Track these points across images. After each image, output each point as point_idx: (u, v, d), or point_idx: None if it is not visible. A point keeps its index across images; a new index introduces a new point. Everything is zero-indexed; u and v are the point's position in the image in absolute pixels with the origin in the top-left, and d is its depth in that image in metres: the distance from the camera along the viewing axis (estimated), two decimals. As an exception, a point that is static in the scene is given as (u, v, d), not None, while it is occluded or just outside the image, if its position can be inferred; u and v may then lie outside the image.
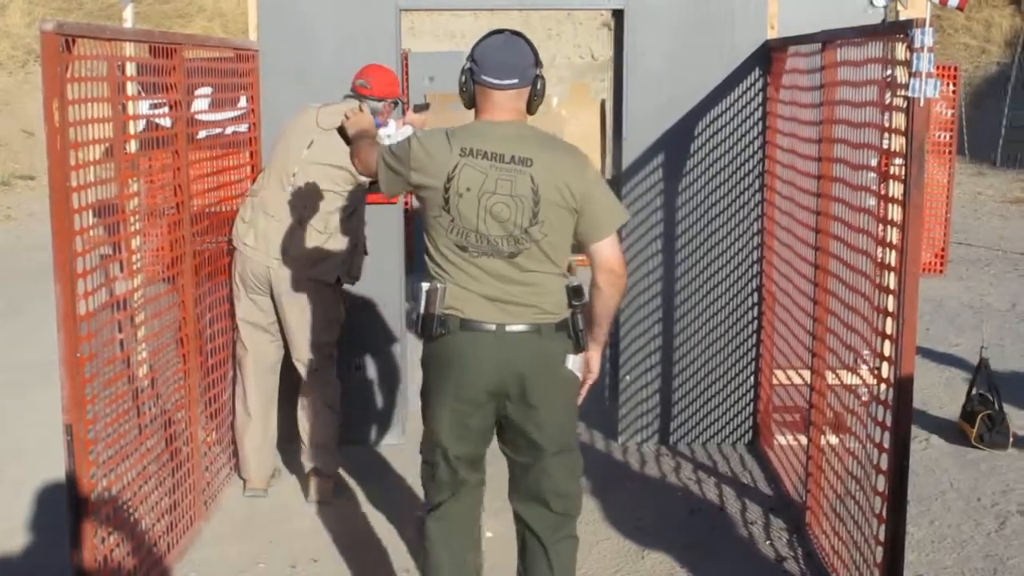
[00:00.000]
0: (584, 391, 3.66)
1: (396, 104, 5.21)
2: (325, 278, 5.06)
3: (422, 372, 3.61)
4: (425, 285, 3.47)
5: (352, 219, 5.12)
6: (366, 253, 5.27)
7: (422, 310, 3.47)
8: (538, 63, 3.49)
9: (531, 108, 3.51)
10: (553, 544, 3.59)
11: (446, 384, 3.48)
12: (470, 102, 3.53)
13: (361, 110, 4.25)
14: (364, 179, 5.05)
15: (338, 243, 5.06)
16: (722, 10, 5.63)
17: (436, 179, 3.40)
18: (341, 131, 4.23)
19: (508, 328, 3.43)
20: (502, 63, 3.42)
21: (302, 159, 5.01)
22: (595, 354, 3.64)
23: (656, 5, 5.63)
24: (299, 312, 5.07)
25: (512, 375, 3.43)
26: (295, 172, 5.01)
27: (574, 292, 3.51)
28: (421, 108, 5.29)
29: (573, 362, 3.53)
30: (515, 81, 3.43)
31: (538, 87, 3.49)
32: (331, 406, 5.24)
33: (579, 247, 3.51)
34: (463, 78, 3.49)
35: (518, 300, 3.42)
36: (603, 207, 3.47)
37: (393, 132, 5.14)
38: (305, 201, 4.99)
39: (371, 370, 5.89)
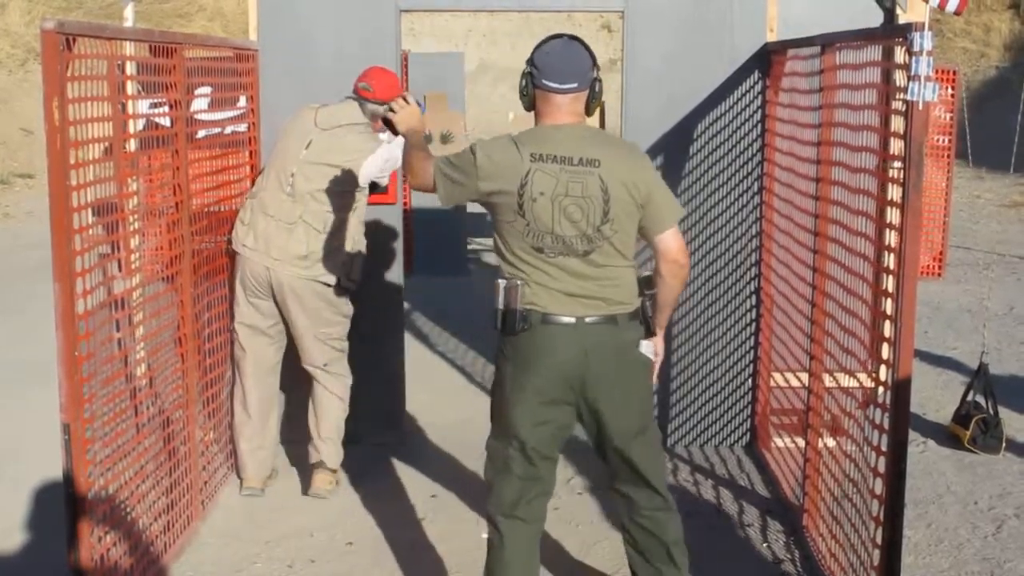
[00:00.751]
0: (655, 373, 3.86)
1: None
2: (325, 279, 5.06)
3: (497, 368, 3.73)
4: (503, 283, 3.60)
5: (352, 219, 5.12)
6: (365, 254, 5.26)
7: (501, 306, 3.59)
8: (595, 66, 3.63)
9: (589, 110, 3.66)
10: (651, 510, 3.82)
11: (528, 377, 3.61)
12: (530, 105, 3.66)
13: (407, 101, 4.06)
14: (364, 179, 5.05)
15: (337, 243, 5.06)
16: (722, 12, 5.64)
17: (509, 185, 3.52)
18: (388, 123, 4.16)
19: (587, 320, 3.57)
20: (563, 68, 3.57)
21: (300, 159, 5.02)
22: (660, 338, 3.84)
23: (656, 7, 5.63)
24: (304, 314, 5.07)
25: (591, 364, 3.59)
26: (293, 172, 5.01)
27: (646, 282, 3.71)
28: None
29: (646, 347, 3.73)
30: (575, 85, 3.58)
31: (596, 90, 3.63)
32: (341, 397, 5.27)
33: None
34: (524, 82, 3.63)
35: (594, 294, 3.58)
36: (665, 201, 3.66)
37: (389, 136, 5.13)
38: (303, 201, 4.99)
39: (371, 369, 5.88)
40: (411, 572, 4.53)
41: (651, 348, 3.76)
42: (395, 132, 4.06)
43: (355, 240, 5.15)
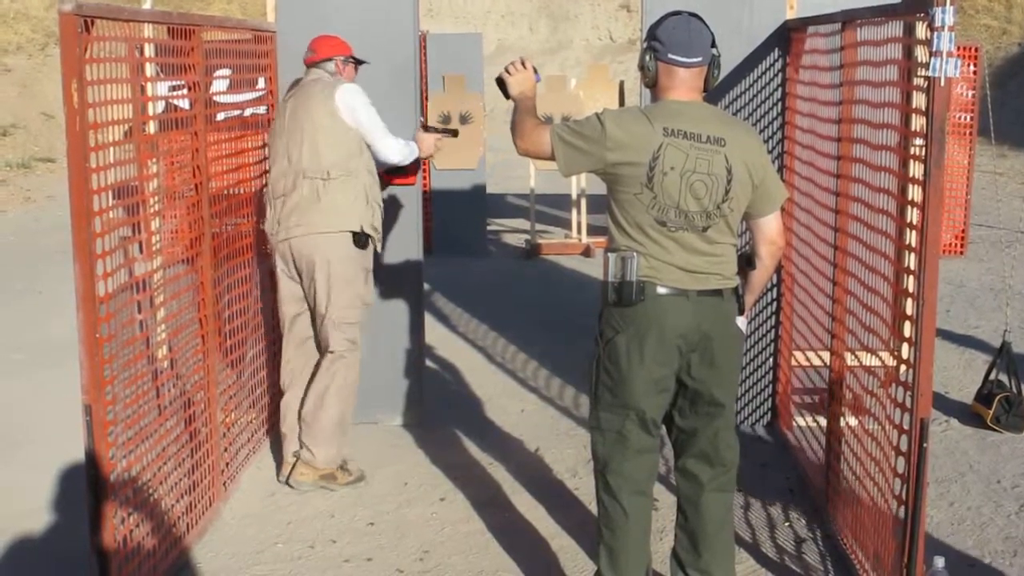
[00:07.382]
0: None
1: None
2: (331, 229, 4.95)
3: (607, 341, 3.69)
4: (616, 255, 3.60)
5: (353, 164, 4.98)
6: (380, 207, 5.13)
7: (615, 278, 3.60)
8: (714, 43, 3.65)
9: (707, 86, 3.67)
10: (712, 491, 3.81)
11: (647, 346, 3.61)
12: (653, 81, 3.67)
13: (524, 65, 3.85)
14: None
15: (338, 192, 4.94)
16: (741, -10, 5.60)
17: (640, 157, 3.53)
18: (500, 85, 3.91)
19: (699, 293, 3.61)
20: (688, 42, 3.59)
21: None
22: (745, 317, 3.87)
23: (675, -15, 5.59)
24: (319, 279, 4.99)
25: (702, 336, 3.63)
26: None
27: (747, 260, 3.78)
28: (448, 131, 5.24)
29: (741, 323, 3.78)
30: (699, 59, 3.61)
31: (716, 66, 3.66)
32: (337, 393, 5.09)
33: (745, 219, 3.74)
34: (647, 57, 3.64)
35: (706, 269, 3.62)
36: (775, 184, 3.75)
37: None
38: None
39: (389, 351, 5.89)
40: (431, 552, 4.54)
41: (744, 323, 3.82)
42: (507, 95, 3.89)
43: (360, 189, 5.05)
